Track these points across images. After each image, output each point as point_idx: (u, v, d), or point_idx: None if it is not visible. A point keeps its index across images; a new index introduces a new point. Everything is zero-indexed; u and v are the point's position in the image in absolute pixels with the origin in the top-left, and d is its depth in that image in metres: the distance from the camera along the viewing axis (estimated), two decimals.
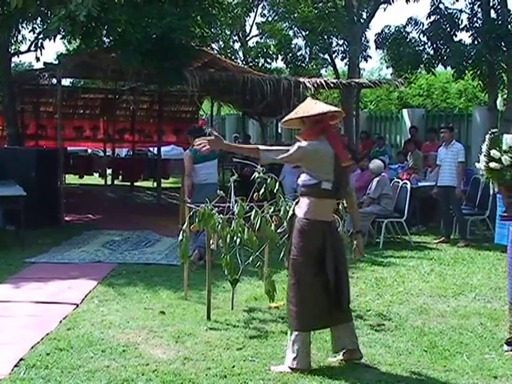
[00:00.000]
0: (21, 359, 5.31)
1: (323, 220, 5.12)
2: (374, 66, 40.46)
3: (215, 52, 20.53)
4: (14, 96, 14.22)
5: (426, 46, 15.72)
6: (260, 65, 23.41)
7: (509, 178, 5.31)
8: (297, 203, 5.28)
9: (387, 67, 20.13)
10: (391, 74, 19.68)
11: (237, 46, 25.90)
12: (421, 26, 15.76)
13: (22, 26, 13.95)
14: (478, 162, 5.69)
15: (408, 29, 16.10)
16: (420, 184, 12.37)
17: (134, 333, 6.03)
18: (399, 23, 17.32)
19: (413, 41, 15.97)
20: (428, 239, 11.33)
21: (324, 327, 5.44)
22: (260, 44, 24.63)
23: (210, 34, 17.00)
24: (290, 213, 5.47)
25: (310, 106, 5.21)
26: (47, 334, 5.95)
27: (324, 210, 5.13)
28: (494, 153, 5.38)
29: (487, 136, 5.59)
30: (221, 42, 24.96)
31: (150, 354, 5.48)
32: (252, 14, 25.00)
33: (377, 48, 17.19)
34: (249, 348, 5.62)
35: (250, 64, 22.94)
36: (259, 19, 25.05)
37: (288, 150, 5.13)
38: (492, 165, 5.41)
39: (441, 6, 15.49)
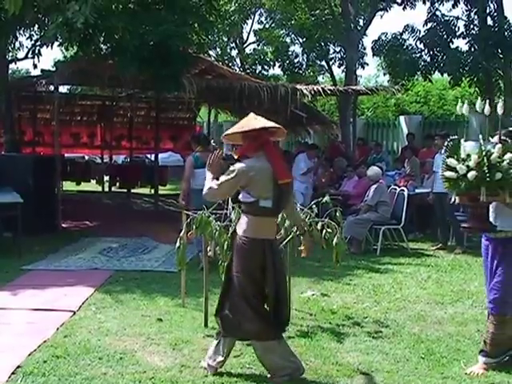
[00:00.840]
0: (18, 367, 5.29)
1: (263, 238, 5.02)
2: (371, 72, 40.66)
3: (212, 59, 20.59)
4: (11, 103, 14.20)
5: (423, 53, 15.80)
6: (257, 72, 23.51)
7: (463, 188, 4.98)
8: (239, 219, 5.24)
9: (384, 74, 20.28)
10: (388, 81, 19.76)
11: (234, 52, 26.04)
12: (417, 33, 15.86)
13: (20, 33, 13.94)
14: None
15: (405, 36, 16.20)
16: (417, 191, 12.38)
17: (131, 340, 6.02)
18: (396, 30, 17.45)
19: (410, 48, 16.05)
20: (425, 246, 11.34)
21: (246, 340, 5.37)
22: (257, 51, 24.73)
23: (207, 41, 17.05)
24: (231, 230, 5.49)
25: (250, 122, 5.13)
26: (44, 342, 5.93)
27: (264, 227, 5.04)
28: (451, 161, 5.04)
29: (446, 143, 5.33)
30: (218, 49, 25.06)
31: (147, 361, 5.47)
32: (249, 21, 25.16)
33: (374, 55, 17.27)
34: (246, 355, 5.61)
35: (247, 71, 23.02)
36: (256, 26, 25.20)
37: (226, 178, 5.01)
38: (447, 174, 5.07)
39: (437, 13, 15.61)
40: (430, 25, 15.56)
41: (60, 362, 5.42)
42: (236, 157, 5.22)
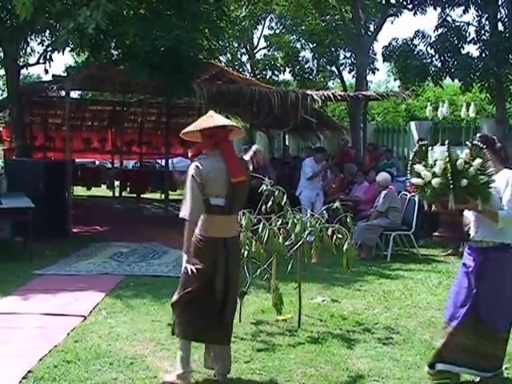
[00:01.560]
0: (29, 371, 5.31)
1: (216, 237, 4.98)
2: (382, 78, 40.51)
3: (223, 64, 20.61)
4: (22, 108, 14.28)
5: (434, 59, 15.73)
6: (267, 77, 23.51)
7: (430, 196, 4.84)
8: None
9: (395, 79, 20.23)
10: (399, 87, 19.74)
11: (244, 58, 26.03)
12: (428, 39, 15.79)
13: (31, 39, 14.02)
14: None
15: (415, 41, 16.13)
16: None
17: (142, 345, 6.02)
18: (407, 36, 17.39)
19: (420, 53, 15.98)
20: (436, 252, 11.28)
21: (201, 341, 5.36)
22: (267, 56, 24.72)
23: (217, 47, 17.04)
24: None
25: (207, 120, 5.15)
26: (55, 346, 5.95)
27: (216, 226, 4.99)
28: (418, 167, 4.89)
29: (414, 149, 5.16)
30: (228, 55, 25.06)
31: (157, 366, 5.48)
32: (260, 27, 25.14)
33: (384, 60, 17.22)
34: (256, 361, 5.61)
35: (258, 76, 23.02)
36: (267, 32, 25.20)
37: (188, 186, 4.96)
38: (414, 180, 4.93)
39: (448, 18, 15.54)
40: (440, 30, 15.51)
41: (71, 367, 5.43)
42: (191, 155, 5.26)
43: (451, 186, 4.65)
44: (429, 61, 15.79)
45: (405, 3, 16.77)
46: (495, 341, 5.01)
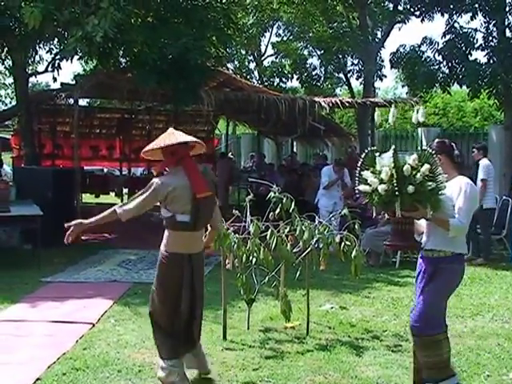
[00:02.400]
0: (37, 379, 5.32)
1: (182, 253, 5.04)
2: (389, 84, 40.52)
3: (230, 72, 20.66)
4: (31, 116, 14.32)
5: (442, 65, 15.72)
6: (275, 84, 23.55)
7: (377, 202, 4.68)
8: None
9: (402, 86, 20.22)
10: (406, 93, 19.69)
11: (252, 65, 26.13)
12: (436, 45, 15.78)
13: (39, 47, 14.07)
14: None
15: (423, 48, 16.13)
16: None
17: (150, 353, 6.02)
18: (414, 42, 17.39)
19: (428, 60, 15.98)
20: None
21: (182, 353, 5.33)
22: (275, 63, 24.79)
23: (225, 54, 17.09)
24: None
25: (168, 137, 5.15)
26: (63, 354, 5.95)
27: (182, 242, 5.05)
28: (366, 174, 4.73)
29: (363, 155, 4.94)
30: (236, 62, 25.15)
31: None
32: (267, 34, 25.24)
33: (392, 67, 17.22)
34: (265, 369, 5.60)
35: (265, 83, 23.08)
36: (274, 39, 25.28)
37: (143, 193, 5.06)
38: (361, 188, 4.77)
39: (456, 25, 15.52)
40: (448, 37, 15.50)
41: (79, 375, 5.43)
42: (155, 173, 5.34)
43: (397, 193, 4.53)
44: (436, 67, 15.78)
45: (412, 10, 16.79)
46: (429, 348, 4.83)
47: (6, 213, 10.34)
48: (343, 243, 6.38)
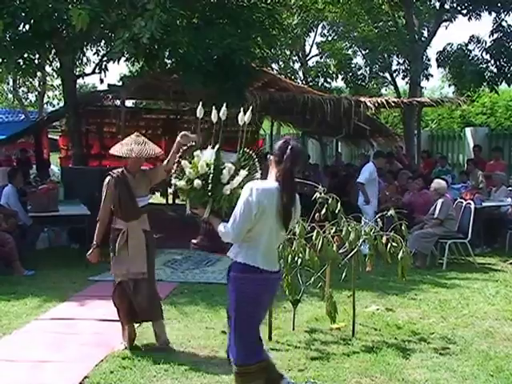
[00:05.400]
0: (85, 377, 5.39)
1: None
2: (436, 84, 39.96)
3: (275, 72, 20.65)
4: (78, 117, 14.51)
5: (489, 64, 15.51)
6: (320, 84, 23.43)
7: (192, 198, 4.61)
8: None
9: (449, 85, 19.89)
10: (453, 93, 19.45)
11: (297, 65, 26.02)
12: (483, 44, 15.57)
13: (87, 49, 14.25)
14: None
15: (470, 47, 15.94)
16: (484, 204, 12.10)
17: (196, 352, 6.05)
18: (461, 41, 17.15)
19: (475, 59, 15.78)
20: (493, 261, 11.07)
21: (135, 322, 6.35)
22: (320, 64, 24.66)
23: (270, 55, 17.08)
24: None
25: (143, 148, 6.65)
26: (111, 352, 6.03)
27: None
28: (184, 163, 4.63)
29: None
30: (281, 62, 25.10)
31: (212, 373, 5.49)
32: (312, 34, 25.10)
33: (439, 66, 17.04)
34: (310, 370, 5.58)
35: (310, 84, 22.98)
36: (319, 39, 25.14)
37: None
38: (178, 183, 4.65)
39: (503, 23, 15.29)
40: (496, 35, 15.30)
41: (126, 373, 5.49)
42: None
43: (210, 193, 4.51)
44: (484, 66, 15.58)
45: (459, 8, 16.58)
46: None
47: (54, 212, 10.52)
48: (390, 244, 6.33)
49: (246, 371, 4.45)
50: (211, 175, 4.55)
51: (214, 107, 4.98)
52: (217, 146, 4.68)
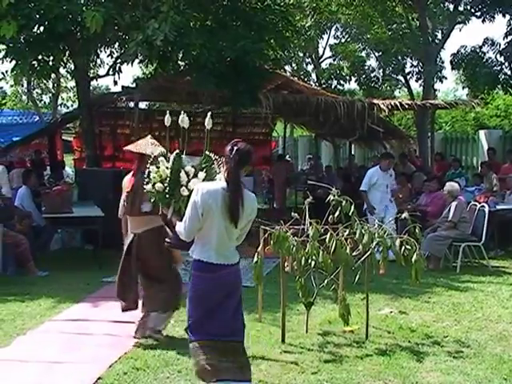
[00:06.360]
0: (98, 378, 5.40)
1: (133, 232, 6.49)
2: (450, 86, 39.92)
3: (288, 74, 20.64)
4: (92, 119, 14.55)
5: (503, 66, 15.45)
6: (333, 86, 23.44)
7: (159, 200, 5.07)
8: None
9: (463, 88, 19.88)
10: (467, 95, 19.40)
11: (310, 67, 26.06)
12: (497, 46, 15.53)
13: (101, 51, 14.29)
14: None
15: (484, 49, 15.90)
16: (498, 207, 12.05)
17: None
18: (475, 43, 17.09)
19: (489, 61, 15.73)
20: (507, 264, 11.00)
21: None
22: (333, 66, 24.68)
23: (283, 57, 17.10)
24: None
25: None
26: (124, 353, 6.04)
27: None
28: (153, 168, 5.15)
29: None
30: (294, 64, 25.12)
31: None
32: (325, 36, 25.11)
33: (452, 68, 17.01)
34: (323, 372, 5.57)
35: (323, 86, 22.98)
36: (332, 41, 25.17)
37: None
38: (147, 187, 5.11)
39: None
40: (510, 37, 15.25)
41: (140, 375, 5.50)
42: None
43: (167, 195, 4.93)
44: (498, 68, 15.53)
45: (473, 10, 16.53)
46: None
47: (68, 214, 10.56)
48: (403, 247, 6.31)
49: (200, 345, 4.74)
50: (169, 178, 4.98)
51: (183, 113, 5.60)
52: (176, 151, 5.15)
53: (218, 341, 4.67)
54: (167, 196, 4.98)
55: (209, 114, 5.42)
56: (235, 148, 4.63)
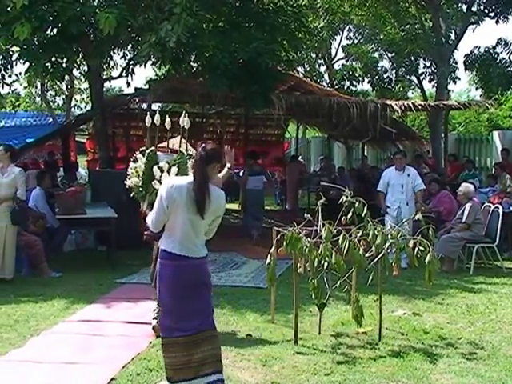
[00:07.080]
0: (112, 379, 5.42)
1: None
2: (463, 87, 39.77)
3: (301, 75, 20.64)
4: (105, 120, 14.59)
5: None
6: (346, 87, 23.41)
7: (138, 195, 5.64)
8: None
9: (476, 88, 19.80)
10: (480, 96, 19.31)
11: (322, 69, 26.02)
12: (511, 47, 15.45)
13: (114, 52, 14.33)
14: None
15: (498, 49, 15.84)
16: None
17: (222, 355, 6.03)
18: (489, 44, 17.04)
19: (503, 61, 15.66)
20: None
21: None
22: (346, 67, 24.64)
23: (295, 58, 17.07)
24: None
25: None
26: (138, 354, 6.05)
27: None
28: (131, 165, 5.81)
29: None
30: (306, 66, 25.10)
31: (237, 376, 5.50)
32: (338, 37, 25.07)
33: (466, 69, 16.95)
34: (337, 374, 5.56)
35: (336, 87, 22.95)
36: (345, 42, 25.13)
37: None
38: (128, 182, 5.74)
39: None
40: None
41: (153, 375, 5.51)
42: None
43: (141, 188, 5.48)
44: None
45: (486, 11, 16.46)
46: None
47: (81, 215, 10.60)
48: (417, 249, 6.29)
49: (167, 342, 4.95)
50: (142, 173, 5.51)
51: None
52: (151, 148, 5.73)
53: (190, 335, 4.87)
54: (141, 190, 5.53)
55: (183, 112, 6.28)
56: (202, 146, 4.95)
